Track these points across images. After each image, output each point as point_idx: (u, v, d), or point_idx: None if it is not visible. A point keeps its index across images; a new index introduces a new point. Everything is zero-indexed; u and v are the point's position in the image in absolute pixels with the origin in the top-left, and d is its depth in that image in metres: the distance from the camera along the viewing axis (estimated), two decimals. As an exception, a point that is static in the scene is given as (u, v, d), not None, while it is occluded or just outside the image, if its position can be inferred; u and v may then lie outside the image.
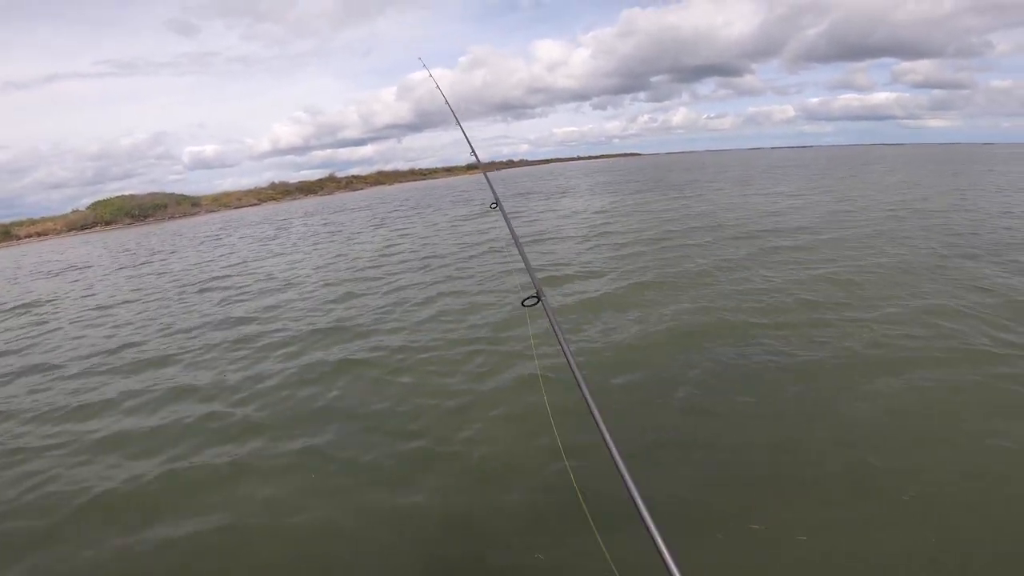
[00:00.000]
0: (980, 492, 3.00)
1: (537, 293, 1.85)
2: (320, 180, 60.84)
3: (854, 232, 10.45)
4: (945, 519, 2.81)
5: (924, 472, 3.20)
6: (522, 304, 1.85)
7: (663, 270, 8.44)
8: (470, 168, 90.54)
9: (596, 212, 17.61)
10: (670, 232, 12.04)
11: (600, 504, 2.13)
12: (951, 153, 58.65)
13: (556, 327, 1.65)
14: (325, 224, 22.58)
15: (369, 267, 11.33)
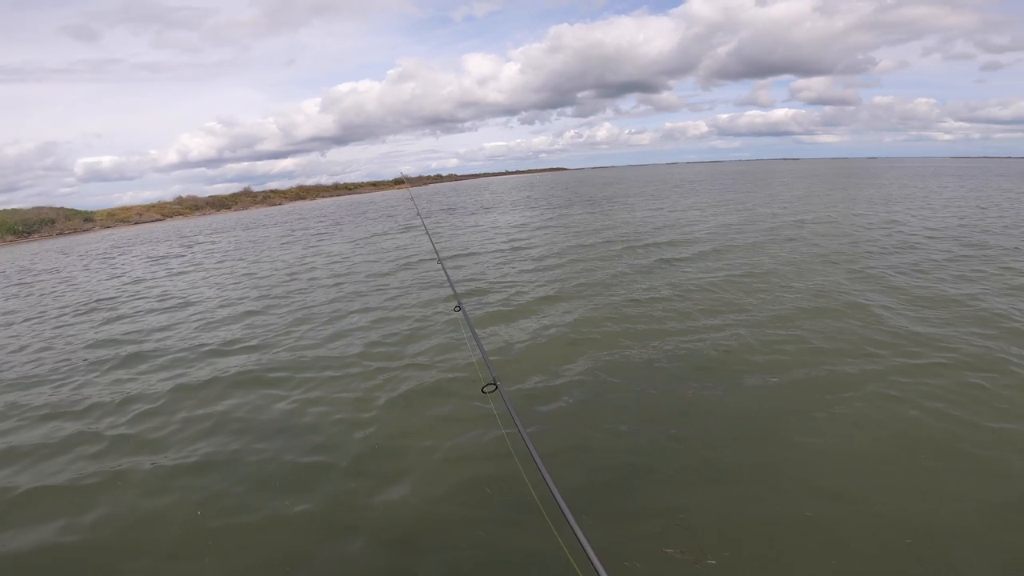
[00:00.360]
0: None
1: (495, 380, 2.12)
2: (234, 194, 57.39)
3: (753, 242, 11.46)
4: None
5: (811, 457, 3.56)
6: (482, 391, 2.13)
7: (569, 282, 8.80)
8: (397, 183, 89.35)
9: (516, 226, 18.00)
10: (583, 246, 12.55)
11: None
12: (839, 167, 65.69)
13: (514, 414, 1.90)
14: (234, 241, 21.36)
15: (277, 285, 10.86)
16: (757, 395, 4.49)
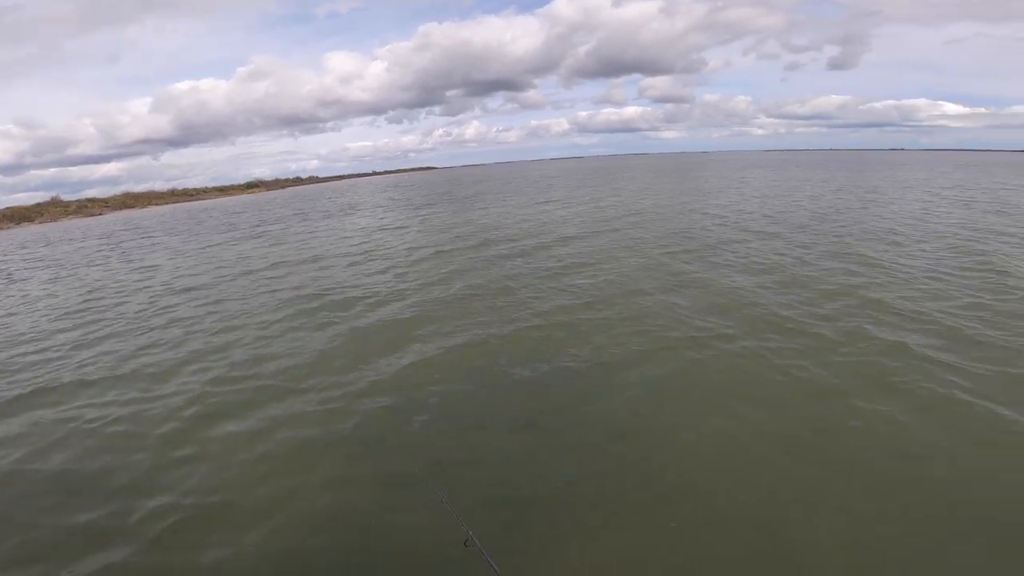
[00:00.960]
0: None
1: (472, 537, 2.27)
2: (39, 204, 48.22)
3: (606, 236, 12.45)
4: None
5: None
6: (464, 545, 2.24)
7: (431, 289, 8.66)
8: (249, 187, 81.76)
9: (380, 229, 17.50)
10: (446, 249, 12.57)
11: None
12: (677, 162, 74.01)
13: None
14: (27, 260, 17.94)
15: (78, 309, 9.39)
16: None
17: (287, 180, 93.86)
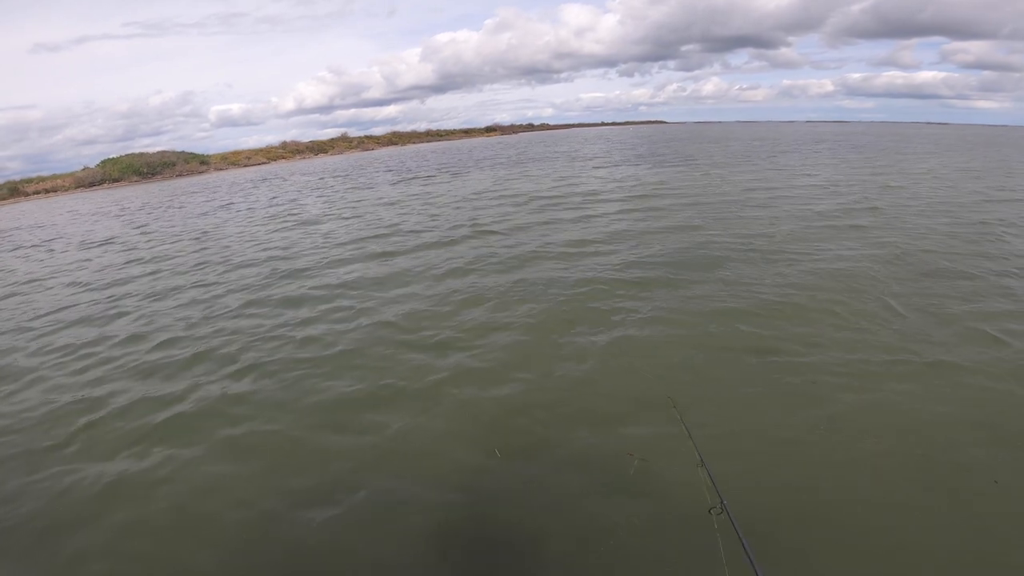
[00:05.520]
0: None
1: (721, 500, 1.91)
2: (332, 140, 59.91)
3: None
4: None
5: None
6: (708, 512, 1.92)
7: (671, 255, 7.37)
8: (488, 130, 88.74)
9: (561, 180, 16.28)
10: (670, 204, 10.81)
11: None
12: (1002, 135, 53.91)
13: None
14: (304, 186, 21.83)
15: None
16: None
17: (521, 125, 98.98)
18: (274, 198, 18.76)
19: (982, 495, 2.76)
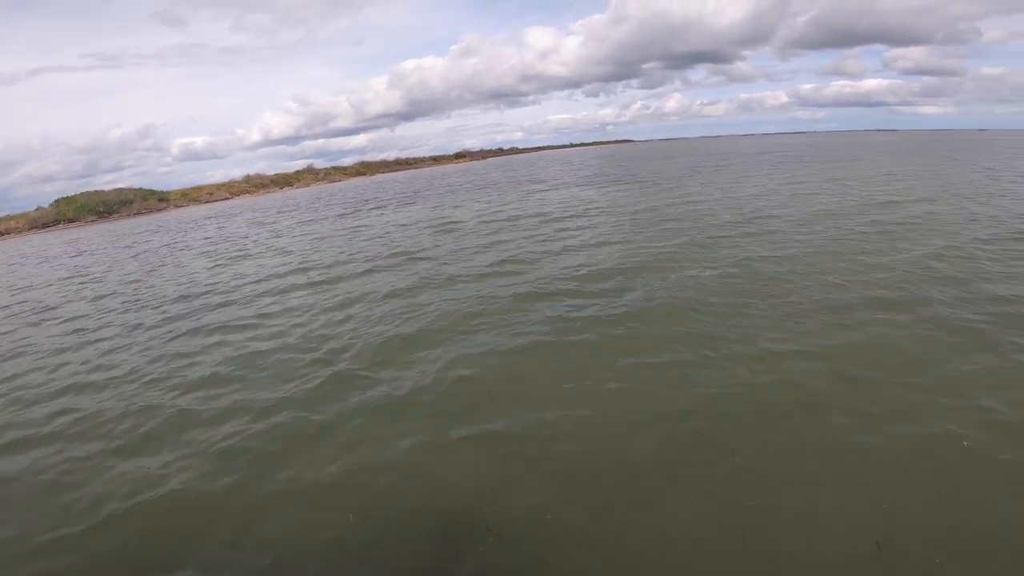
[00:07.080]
0: None
1: None
2: (297, 172, 60.05)
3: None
4: None
5: None
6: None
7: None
8: (458, 156, 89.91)
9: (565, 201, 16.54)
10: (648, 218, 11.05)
11: None
12: (946, 139, 56.37)
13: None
14: (257, 224, 21.76)
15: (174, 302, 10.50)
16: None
17: (490, 151, 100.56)
18: (208, 238, 18.64)
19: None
